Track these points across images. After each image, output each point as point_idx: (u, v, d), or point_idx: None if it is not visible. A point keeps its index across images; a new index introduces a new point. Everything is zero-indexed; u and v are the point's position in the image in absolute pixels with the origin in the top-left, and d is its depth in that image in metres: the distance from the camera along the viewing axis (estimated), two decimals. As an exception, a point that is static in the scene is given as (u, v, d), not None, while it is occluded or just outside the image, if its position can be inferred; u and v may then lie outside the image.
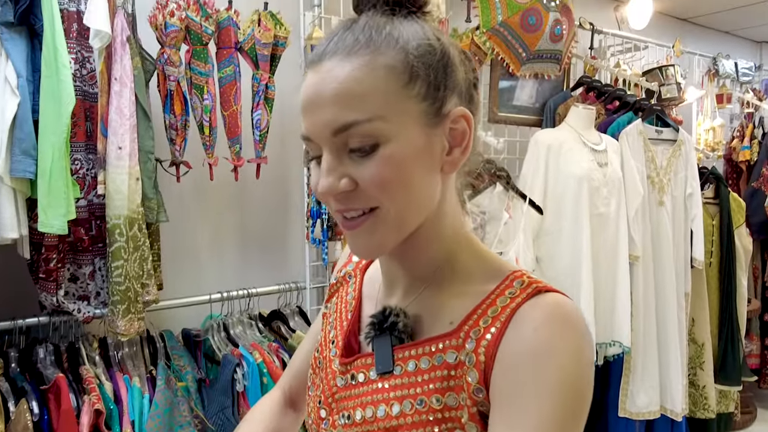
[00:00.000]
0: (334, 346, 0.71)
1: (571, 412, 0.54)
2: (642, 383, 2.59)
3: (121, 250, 1.67)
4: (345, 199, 0.59)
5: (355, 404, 0.63)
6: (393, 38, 0.58)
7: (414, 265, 0.65)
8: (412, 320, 0.63)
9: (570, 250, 2.33)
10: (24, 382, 1.65)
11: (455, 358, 0.58)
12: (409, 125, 0.57)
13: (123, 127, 1.64)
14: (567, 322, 0.56)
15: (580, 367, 0.55)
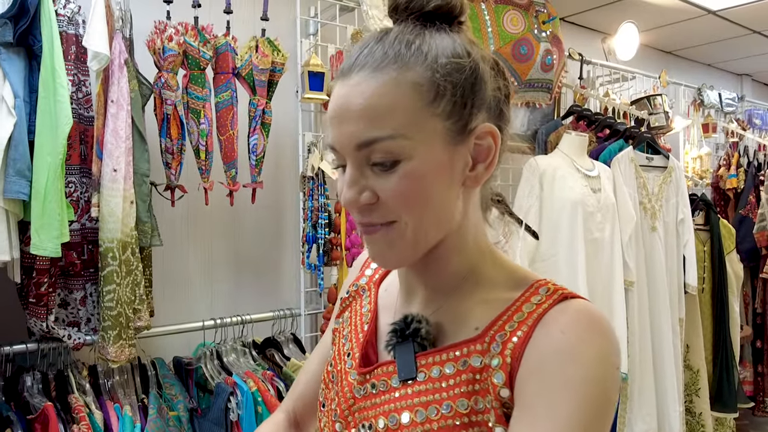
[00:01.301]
0: (349, 358, 0.69)
1: (596, 412, 0.53)
2: (639, 411, 2.57)
3: (114, 274, 1.63)
4: (367, 211, 0.59)
5: (376, 413, 0.61)
6: (422, 54, 0.57)
7: (436, 278, 0.65)
8: (435, 328, 0.62)
9: (566, 275, 2.32)
10: (9, 411, 1.59)
11: (480, 362, 0.57)
12: (432, 143, 0.57)
13: (118, 149, 1.63)
14: (594, 326, 0.55)
15: (606, 369, 0.54)
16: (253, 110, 1.98)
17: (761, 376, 3.61)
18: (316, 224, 2.09)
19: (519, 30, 2.59)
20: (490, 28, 2.56)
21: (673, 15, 3.47)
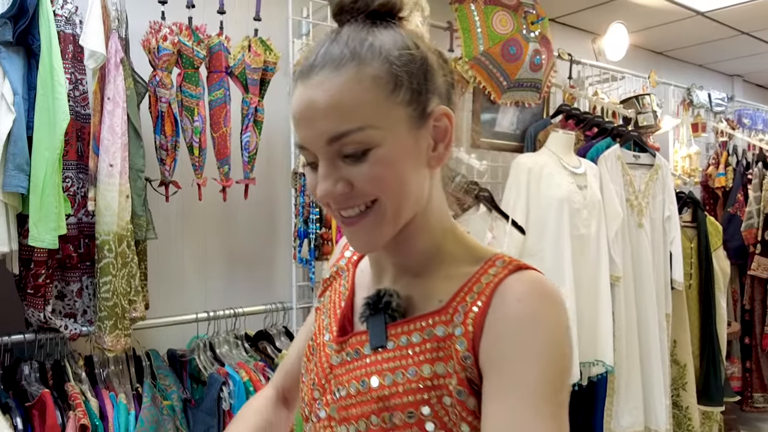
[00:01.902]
0: (327, 332, 0.75)
1: (559, 372, 0.58)
2: (626, 403, 2.62)
3: (110, 266, 1.69)
4: (344, 200, 0.63)
5: (349, 378, 0.66)
6: (376, 49, 0.62)
7: (405, 257, 0.70)
8: (404, 301, 0.67)
9: (552, 270, 2.37)
10: (8, 399, 1.64)
11: (444, 331, 0.62)
12: (397, 129, 0.62)
13: (114, 145, 1.68)
14: (547, 294, 0.61)
15: (562, 332, 0.60)
16: (246, 108, 2.03)
17: (749, 372, 3.66)
18: (308, 219, 2.14)
19: (508, 30, 2.64)
20: (480, 29, 2.61)
21: (662, 16, 3.52)
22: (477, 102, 2.73)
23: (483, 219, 2.25)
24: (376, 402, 0.63)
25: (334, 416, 0.67)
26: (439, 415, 0.60)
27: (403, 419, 0.61)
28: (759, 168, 3.63)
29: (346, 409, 0.65)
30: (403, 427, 0.60)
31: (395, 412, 0.61)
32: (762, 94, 5.30)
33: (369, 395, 0.63)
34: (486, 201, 2.22)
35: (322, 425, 0.70)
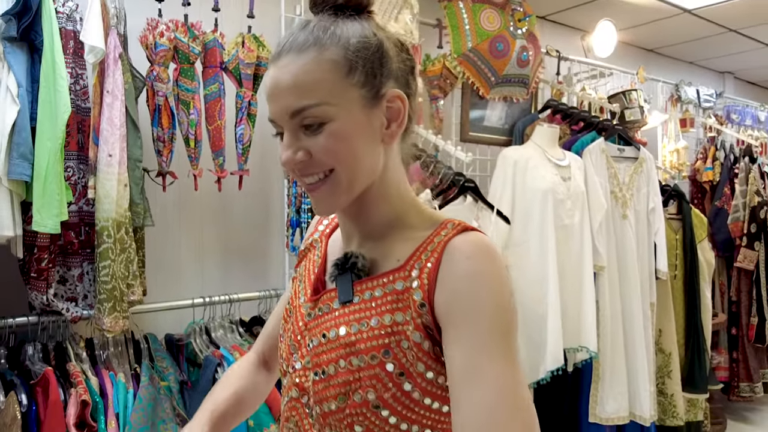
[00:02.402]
0: (303, 294, 0.83)
1: (505, 319, 0.67)
2: (611, 390, 2.69)
3: (109, 251, 1.77)
4: (303, 167, 0.72)
5: (321, 329, 0.75)
6: (336, 36, 0.71)
7: (367, 223, 0.78)
8: (368, 262, 0.75)
9: (537, 259, 2.46)
10: (13, 376, 1.73)
11: (402, 285, 0.71)
12: (351, 107, 0.71)
13: (113, 136, 1.77)
14: (490, 253, 0.69)
15: (504, 285, 0.68)
16: (240, 102, 2.12)
17: (736, 362, 3.74)
18: (300, 209, 2.22)
19: (495, 27, 2.73)
20: (468, 26, 2.70)
21: (650, 14, 3.60)
22: (466, 97, 2.81)
23: (469, 209, 2.33)
24: (343, 348, 0.71)
25: (308, 365, 0.75)
26: (397, 356, 0.68)
27: (366, 361, 0.69)
28: (745, 162, 3.70)
29: (318, 356, 0.74)
30: (366, 368, 0.69)
31: (360, 356, 0.69)
32: (753, 90, 5.38)
33: (337, 342, 0.72)
34: (472, 192, 2.30)
35: (297, 375, 0.78)
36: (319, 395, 0.72)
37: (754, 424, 3.70)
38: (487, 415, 0.62)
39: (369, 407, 0.68)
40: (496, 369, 0.63)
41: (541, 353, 2.42)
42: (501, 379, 0.63)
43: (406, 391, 0.68)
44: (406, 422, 0.69)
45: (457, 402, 0.65)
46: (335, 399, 0.70)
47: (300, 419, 0.77)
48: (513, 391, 0.63)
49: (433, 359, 0.68)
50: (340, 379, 0.70)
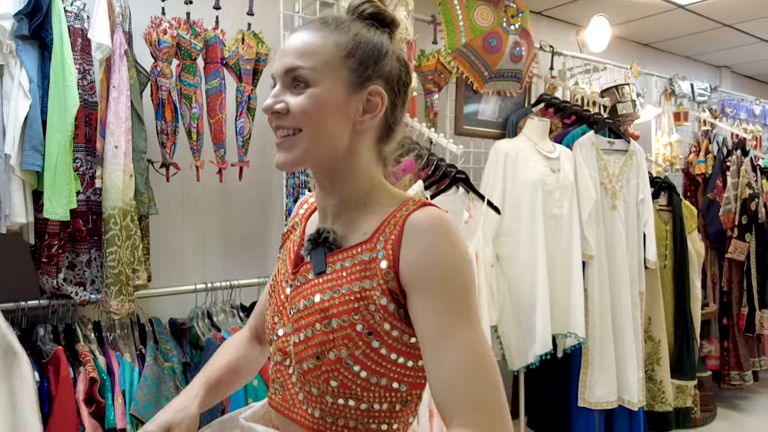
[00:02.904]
0: (284, 271, 0.92)
1: (464, 285, 0.76)
2: (600, 375, 2.78)
3: (115, 237, 1.87)
4: (279, 118, 0.83)
5: (299, 298, 0.84)
6: (350, 29, 0.83)
7: (338, 198, 0.87)
8: (339, 236, 0.85)
9: (527, 248, 2.54)
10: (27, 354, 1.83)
11: (369, 256, 0.80)
12: (336, 82, 0.81)
13: (119, 128, 1.87)
14: (445, 225, 0.78)
15: (460, 255, 0.77)
16: (240, 96, 2.21)
17: (727, 351, 3.81)
18: (298, 200, 2.32)
19: (488, 23, 2.81)
20: (462, 22, 2.78)
21: (644, 9, 3.67)
22: (460, 91, 2.89)
23: (461, 200, 2.42)
24: (319, 313, 0.80)
25: (289, 331, 0.85)
26: (366, 318, 0.77)
27: (339, 323, 0.78)
28: (737, 155, 3.77)
29: (297, 322, 0.83)
30: (339, 329, 0.78)
31: (334, 319, 0.79)
32: (750, 84, 5.43)
33: (314, 308, 0.81)
34: (463, 183, 2.38)
35: (280, 341, 0.87)
36: (299, 356, 0.81)
37: (744, 411, 3.78)
38: (458, 371, 0.71)
39: (342, 363, 0.78)
40: (461, 331, 0.73)
41: (530, 339, 2.51)
42: (466, 339, 0.73)
43: (374, 348, 0.77)
44: (375, 376, 0.78)
45: (430, 363, 0.74)
46: (313, 358, 0.80)
47: (284, 379, 0.86)
48: (477, 348, 0.73)
49: (398, 319, 0.77)
50: (317, 340, 0.79)
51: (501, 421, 0.70)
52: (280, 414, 0.87)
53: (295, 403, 0.84)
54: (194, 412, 0.92)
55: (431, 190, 2.34)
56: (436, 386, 0.73)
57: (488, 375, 0.72)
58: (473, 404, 0.70)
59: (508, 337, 2.55)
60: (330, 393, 0.79)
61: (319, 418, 0.81)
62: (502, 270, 2.58)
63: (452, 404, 0.71)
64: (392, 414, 0.81)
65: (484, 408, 0.70)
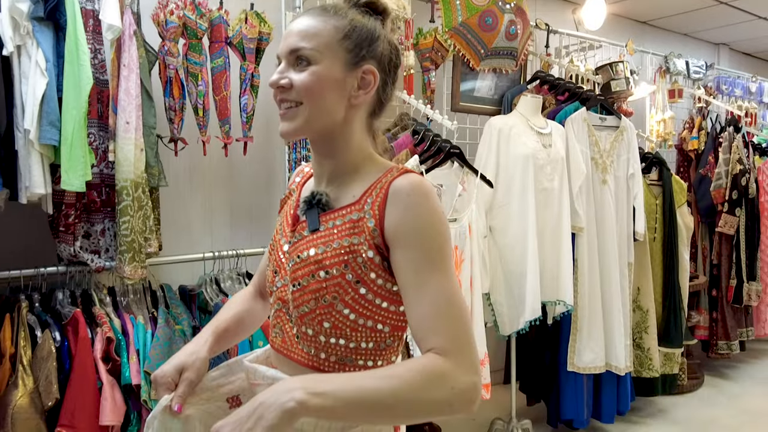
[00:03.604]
0: (282, 231, 1.04)
1: (441, 241, 0.88)
2: (588, 341, 2.92)
3: (128, 207, 2.00)
4: (283, 92, 0.94)
5: (296, 252, 0.96)
6: (346, 16, 0.95)
7: (332, 165, 0.99)
8: (332, 198, 0.96)
9: (518, 220, 2.66)
10: (47, 317, 1.97)
11: (358, 215, 0.92)
12: (334, 61, 0.93)
13: (130, 105, 1.98)
14: (424, 190, 0.90)
15: (437, 215, 0.89)
16: (244, 74, 2.32)
17: (715, 322, 3.94)
18: (299, 173, 2.43)
19: (484, 2, 2.89)
20: (458, 1, 2.86)
21: (640, -13, 3.73)
22: (456, 69, 2.98)
23: (455, 174, 2.53)
24: (313, 265, 0.92)
25: (287, 282, 0.97)
26: (355, 269, 0.89)
27: (332, 274, 0.90)
28: (730, 131, 3.85)
29: (295, 273, 0.95)
30: (331, 279, 0.90)
31: (326, 270, 0.91)
32: (749, 61, 5.47)
33: (309, 261, 0.93)
34: (457, 158, 2.49)
35: (280, 291, 1.00)
36: (297, 302, 0.94)
37: (731, 379, 3.93)
38: (432, 310, 0.84)
39: (334, 308, 0.90)
40: (436, 278, 0.85)
41: (521, 307, 2.64)
42: (439, 285, 0.85)
43: (361, 294, 0.90)
44: (362, 318, 0.90)
45: (410, 306, 0.87)
46: (308, 303, 0.92)
47: (283, 324, 0.99)
48: (449, 292, 0.86)
49: (382, 270, 0.89)
50: (312, 288, 0.91)
51: (468, 347, 0.83)
52: (279, 354, 1.00)
53: (292, 343, 0.97)
54: (204, 355, 1.04)
55: (427, 164, 2.44)
56: (415, 324, 0.86)
57: (458, 312, 0.84)
58: (445, 335, 0.82)
59: (500, 304, 2.68)
60: (323, 333, 0.92)
61: (314, 355, 0.93)
62: (495, 241, 2.70)
63: (427, 337, 0.83)
64: (377, 352, 0.93)
65: (454, 337, 0.82)
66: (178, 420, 0.98)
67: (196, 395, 1.03)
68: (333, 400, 0.76)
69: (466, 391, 0.80)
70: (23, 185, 1.84)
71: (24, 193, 1.85)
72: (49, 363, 1.87)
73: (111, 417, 1.89)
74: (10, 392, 1.82)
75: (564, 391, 2.95)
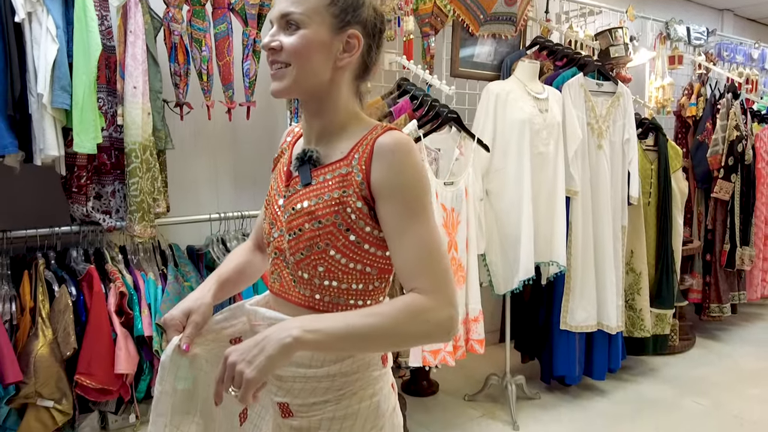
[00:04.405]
0: (276, 187, 1.13)
1: (421, 193, 0.97)
2: (580, 301, 3.02)
3: (137, 169, 2.09)
4: (274, 54, 1.01)
5: (290, 205, 1.05)
6: None
7: (320, 125, 1.07)
8: (322, 155, 1.05)
9: (514, 184, 2.74)
10: (63, 273, 2.09)
11: (346, 170, 1.00)
12: (321, 25, 0.99)
13: (137, 70, 2.05)
14: (407, 146, 0.98)
15: (418, 169, 0.98)
16: (246, 39, 2.38)
17: (708, 286, 4.04)
18: (301, 137, 2.51)
19: (483, -32, 2.91)
20: (458, -33, 2.88)
21: (642, -48, 3.71)
22: (456, 34, 3.02)
23: (453, 138, 2.60)
24: (307, 215, 1.01)
25: (283, 232, 1.07)
26: (344, 218, 0.99)
27: (323, 223, 0.99)
28: (728, 98, 3.89)
29: (290, 223, 1.04)
30: (323, 227, 0.99)
31: (319, 220, 1.00)
32: (753, 27, 5.44)
33: (303, 212, 1.02)
34: (455, 122, 2.56)
35: (276, 241, 1.09)
36: (293, 249, 1.03)
37: (721, 341, 4.04)
38: (413, 253, 0.94)
39: (327, 253, 0.99)
40: (417, 226, 0.95)
41: (515, 267, 2.74)
42: (420, 232, 0.95)
43: (351, 240, 0.99)
44: (352, 262, 1.00)
45: (394, 251, 0.96)
46: (303, 250, 1.01)
47: (281, 270, 1.09)
48: (428, 238, 0.95)
49: (370, 218, 0.98)
50: (306, 236, 1.01)
51: (445, 286, 0.93)
52: (278, 297, 1.10)
53: (290, 287, 1.07)
54: (209, 301, 1.14)
55: (425, 129, 2.52)
56: (399, 266, 0.95)
57: (436, 256, 0.94)
58: (424, 277, 0.92)
59: (495, 265, 2.78)
60: (317, 276, 1.01)
61: (309, 296, 1.03)
62: (491, 204, 2.79)
63: (410, 278, 0.93)
64: (366, 293, 1.03)
65: (433, 278, 0.92)
66: (186, 358, 1.08)
67: (202, 336, 1.13)
68: (325, 335, 0.87)
69: (443, 323, 0.91)
70: (38, 148, 1.94)
71: (38, 155, 1.94)
72: (66, 315, 1.99)
73: (125, 366, 2.02)
74: (31, 342, 1.95)
75: (557, 349, 3.07)
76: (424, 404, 3.06)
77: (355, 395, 1.01)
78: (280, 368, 0.88)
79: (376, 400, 1.03)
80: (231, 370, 0.86)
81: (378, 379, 1.05)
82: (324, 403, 1.01)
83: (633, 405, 3.07)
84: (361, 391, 1.02)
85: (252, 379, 0.83)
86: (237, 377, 0.85)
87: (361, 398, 1.02)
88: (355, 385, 1.01)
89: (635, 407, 3.05)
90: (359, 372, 1.02)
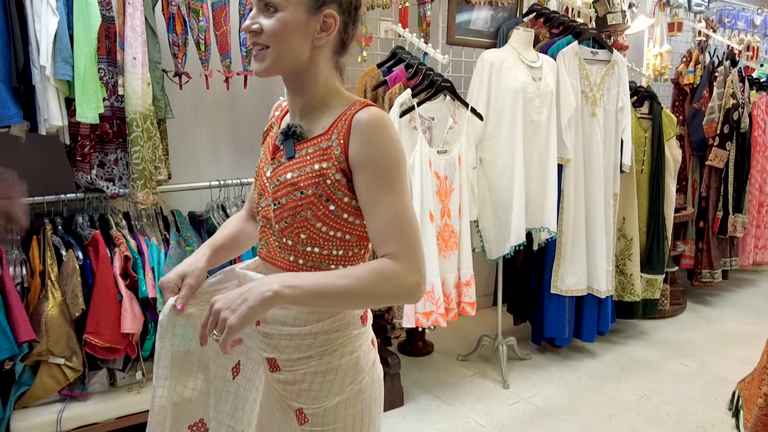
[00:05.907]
0: (265, 159, 1.21)
1: (396, 166, 1.04)
2: (571, 266, 3.11)
3: (138, 138, 2.16)
4: (254, 36, 1.07)
5: (276, 177, 1.13)
6: None
7: (303, 101, 1.14)
8: (305, 130, 1.12)
9: (507, 152, 2.80)
10: (70, 238, 2.19)
11: (327, 144, 1.07)
12: (298, 7, 1.05)
13: (136, 41, 2.11)
14: (383, 121, 1.05)
15: (394, 143, 1.05)
16: (243, 9, 2.42)
17: (701, 252, 4.12)
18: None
19: (480, -65, 2.91)
20: (454, -66, 2.88)
21: None
22: (452, 1, 3.04)
23: (447, 107, 2.66)
24: (290, 186, 1.09)
25: (269, 202, 1.15)
26: (324, 189, 1.06)
27: (306, 193, 1.07)
28: (726, 66, 3.89)
29: (275, 194, 1.12)
30: (305, 198, 1.07)
31: (301, 190, 1.08)
32: (759, -8, 5.37)
33: (286, 183, 1.10)
34: (448, 91, 2.61)
35: (264, 210, 1.17)
36: (278, 218, 1.12)
37: (712, 305, 4.14)
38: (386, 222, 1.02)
39: (309, 221, 1.08)
40: (390, 198, 1.02)
41: (507, 233, 2.82)
42: (392, 203, 1.02)
43: (331, 210, 1.07)
44: (332, 230, 1.08)
45: (369, 222, 1.04)
46: (287, 218, 1.10)
47: (268, 237, 1.17)
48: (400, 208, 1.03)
49: (348, 189, 1.06)
50: (290, 205, 1.09)
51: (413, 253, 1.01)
52: (266, 262, 1.19)
53: (276, 253, 1.15)
54: (203, 266, 1.23)
55: (419, 97, 2.57)
56: (372, 234, 1.04)
57: (407, 225, 1.02)
58: (395, 244, 1.01)
59: (488, 231, 2.87)
60: (301, 243, 1.10)
61: (293, 261, 1.12)
62: (484, 172, 2.86)
63: (382, 245, 1.02)
64: (346, 258, 1.12)
65: (402, 245, 1.01)
66: (182, 317, 1.18)
67: (197, 298, 1.22)
68: (301, 291, 0.96)
69: (410, 287, 1.00)
70: (42, 118, 2.01)
71: (43, 125, 2.01)
72: (74, 278, 2.09)
73: (131, 326, 2.13)
74: (41, 304, 2.06)
75: (547, 312, 3.17)
76: (419, 363, 3.20)
77: (335, 352, 1.11)
78: (259, 318, 0.98)
79: (355, 356, 1.13)
80: (216, 316, 0.95)
81: (357, 337, 1.14)
82: (307, 358, 1.10)
83: (620, 366, 3.19)
84: (341, 348, 1.11)
85: (233, 326, 0.92)
86: (220, 323, 0.93)
87: (342, 354, 1.11)
88: (336, 342, 1.11)
89: (622, 368, 3.17)
90: (340, 330, 1.11)
